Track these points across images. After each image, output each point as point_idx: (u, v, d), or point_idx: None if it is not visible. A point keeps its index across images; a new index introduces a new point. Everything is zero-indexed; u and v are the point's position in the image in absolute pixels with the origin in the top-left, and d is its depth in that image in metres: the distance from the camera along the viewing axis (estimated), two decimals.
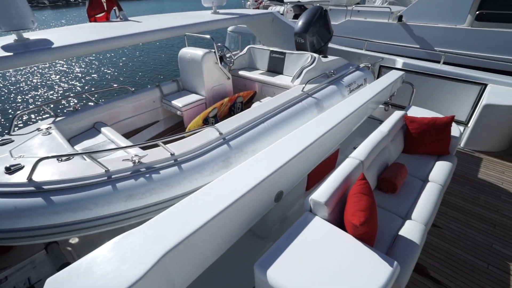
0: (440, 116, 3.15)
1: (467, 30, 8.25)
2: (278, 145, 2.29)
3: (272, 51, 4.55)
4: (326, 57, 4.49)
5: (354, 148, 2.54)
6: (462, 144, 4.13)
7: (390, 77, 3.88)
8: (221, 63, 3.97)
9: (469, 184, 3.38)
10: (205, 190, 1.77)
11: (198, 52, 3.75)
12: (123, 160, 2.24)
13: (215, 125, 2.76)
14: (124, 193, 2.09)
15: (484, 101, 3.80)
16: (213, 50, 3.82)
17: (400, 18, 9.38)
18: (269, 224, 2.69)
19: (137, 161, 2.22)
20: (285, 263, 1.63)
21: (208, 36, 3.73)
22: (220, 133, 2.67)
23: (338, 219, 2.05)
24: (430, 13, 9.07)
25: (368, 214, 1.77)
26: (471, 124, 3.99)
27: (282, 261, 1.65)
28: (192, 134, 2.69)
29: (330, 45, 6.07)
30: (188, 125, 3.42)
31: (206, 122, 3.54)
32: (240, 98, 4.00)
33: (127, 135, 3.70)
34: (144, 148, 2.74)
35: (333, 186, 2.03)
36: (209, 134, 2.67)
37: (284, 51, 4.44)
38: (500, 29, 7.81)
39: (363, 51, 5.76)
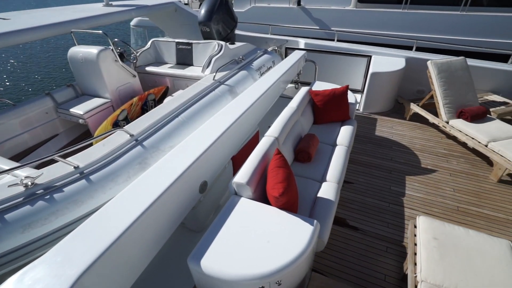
0: (338, 87, 3.56)
1: (352, 11, 9.40)
2: (193, 136, 2.26)
3: (178, 43, 4.39)
4: (234, 44, 4.56)
5: (269, 127, 2.69)
6: (361, 109, 4.77)
7: (294, 57, 4.19)
8: (122, 61, 3.64)
9: (369, 142, 3.97)
10: (120, 197, 1.65)
11: (92, 50, 3.35)
12: (9, 186, 1.89)
13: (124, 127, 2.55)
14: (18, 224, 1.78)
15: (370, 70, 4.43)
16: (110, 47, 3.47)
17: (299, 3, 10.07)
18: (201, 217, 2.67)
19: (29, 183, 1.90)
20: (217, 250, 1.66)
21: (100, 32, 3.36)
22: (131, 135, 2.48)
23: (262, 196, 2.16)
24: None
25: (286, 185, 1.92)
26: (365, 91, 4.63)
27: (215, 248, 1.67)
28: (96, 140, 2.44)
29: (237, 32, 6.17)
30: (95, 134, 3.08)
31: (116, 126, 3.24)
32: (151, 95, 3.77)
33: (17, 157, 3.13)
34: (38, 167, 2.37)
35: (253, 166, 2.12)
36: (118, 138, 2.46)
37: (191, 41, 4.33)
38: (378, 9, 9.11)
39: (269, 36, 6.04)
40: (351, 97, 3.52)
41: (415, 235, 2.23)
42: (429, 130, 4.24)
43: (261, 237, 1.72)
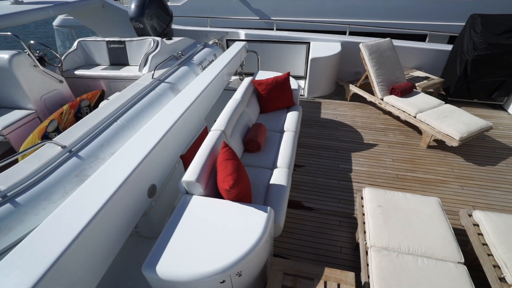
0: (278, 73, 3.64)
1: (290, 0, 9.64)
2: (135, 139, 2.13)
3: (108, 42, 4.05)
4: (171, 39, 4.36)
5: (215, 121, 2.64)
6: (305, 94, 4.96)
7: (235, 48, 4.15)
8: (43, 65, 3.25)
9: (316, 125, 4.15)
10: (55, 215, 1.49)
11: (2, 55, 2.92)
12: None
13: (54, 138, 2.29)
14: None
15: (310, 56, 4.61)
16: (26, 51, 3.06)
17: None
18: (156, 222, 2.55)
19: None
20: (173, 253, 1.59)
21: (8, 33, 2.94)
22: (63, 146, 2.24)
23: (215, 191, 2.12)
24: None
25: (236, 176, 1.91)
26: (307, 76, 4.80)
27: (170, 251, 1.60)
28: (22, 157, 2.15)
29: (175, 26, 5.92)
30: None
31: (46, 139, 2.90)
32: (84, 101, 3.44)
33: None
34: None
35: (201, 162, 2.06)
36: (48, 151, 2.20)
37: (123, 39, 4.03)
38: None
39: (208, 29, 5.91)
40: (294, 83, 3.62)
41: (362, 206, 2.41)
42: (368, 108, 4.58)
43: (216, 232, 1.70)
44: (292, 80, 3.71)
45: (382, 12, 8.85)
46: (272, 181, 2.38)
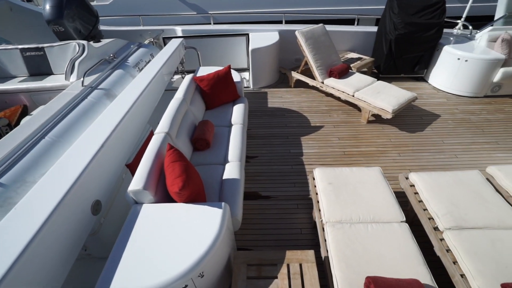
0: (220, 68, 3.59)
1: None
2: (68, 155, 1.93)
3: (23, 49, 3.58)
4: (100, 41, 4.01)
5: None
6: (251, 86, 4.99)
7: (171, 46, 3.98)
8: None
9: (264, 114, 4.21)
10: None
11: None
12: None
13: None
14: None
15: (250, 47, 4.62)
16: None
17: None
18: (108, 240, 2.37)
19: None
20: (128, 268, 1.50)
21: None
22: None
23: (166, 195, 2.04)
24: None
25: (185, 178, 1.84)
26: (250, 68, 4.82)
27: (124, 267, 1.50)
28: None
29: (104, 27, 5.47)
30: None
31: None
32: (2, 120, 3.01)
33: None
34: None
35: (147, 168, 1.96)
36: None
37: (41, 45, 3.59)
38: None
39: (142, 27, 5.57)
40: (236, 76, 3.61)
41: (315, 186, 2.52)
42: (311, 93, 4.78)
43: (172, 238, 1.64)
44: (234, 73, 3.69)
45: (314, 0, 9.24)
46: (225, 176, 2.36)
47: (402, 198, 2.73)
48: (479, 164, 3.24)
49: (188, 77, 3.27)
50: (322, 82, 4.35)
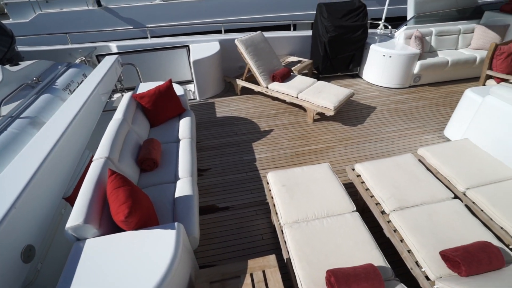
0: (162, 83, 3.48)
1: (161, 5, 9.30)
2: None
3: None
4: (18, 64, 3.60)
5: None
6: (197, 97, 4.91)
7: (106, 64, 3.74)
8: None
9: (213, 125, 4.17)
10: None
11: None
12: None
13: None
14: None
15: (191, 59, 4.56)
16: None
17: (99, 3, 9.01)
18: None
19: None
20: None
21: None
22: None
23: (114, 226, 1.88)
24: None
25: (130, 203, 1.72)
26: (194, 79, 4.75)
27: None
28: None
29: (25, 48, 4.94)
30: None
31: None
32: None
33: None
34: None
35: (87, 199, 1.79)
36: None
37: None
38: (185, 0, 9.36)
39: (71, 46, 5.15)
40: (179, 89, 3.52)
41: (270, 190, 2.55)
42: (258, 98, 4.87)
43: (123, 271, 1.50)
44: (176, 86, 3.60)
45: (251, 8, 9.51)
46: (177, 194, 2.27)
47: (351, 189, 2.90)
48: (412, 147, 3.61)
49: (127, 96, 3.09)
50: (267, 87, 4.47)
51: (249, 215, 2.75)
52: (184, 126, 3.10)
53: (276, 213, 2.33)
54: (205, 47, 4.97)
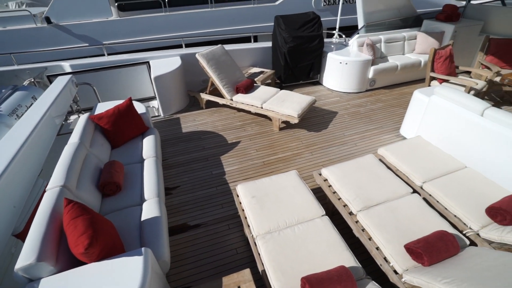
0: (121, 101, 3.35)
1: (117, 21, 9.04)
2: None
3: None
4: None
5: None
6: (162, 114, 4.79)
7: (58, 85, 3.53)
8: None
9: (180, 141, 4.09)
10: None
11: None
12: None
13: None
14: None
15: (152, 75, 4.46)
16: None
17: (48, 20, 8.53)
18: None
19: None
20: None
21: None
22: None
23: (74, 259, 1.74)
24: (76, 10, 8.91)
25: (91, 233, 1.61)
26: (157, 96, 4.64)
27: None
28: None
29: None
30: None
31: None
32: None
33: None
34: None
35: (40, 234, 1.64)
36: None
37: None
38: (142, 16, 9.20)
39: (17, 67, 4.79)
40: (140, 107, 3.42)
41: (240, 203, 2.54)
42: (223, 111, 4.88)
43: None
44: (137, 104, 3.49)
45: (211, 22, 9.59)
46: (144, 217, 2.17)
47: (320, 193, 2.98)
48: (373, 147, 3.81)
49: (84, 117, 2.93)
50: (231, 99, 4.49)
51: (222, 230, 2.70)
52: (148, 145, 2.99)
53: (248, 225, 2.31)
54: (166, 63, 4.90)
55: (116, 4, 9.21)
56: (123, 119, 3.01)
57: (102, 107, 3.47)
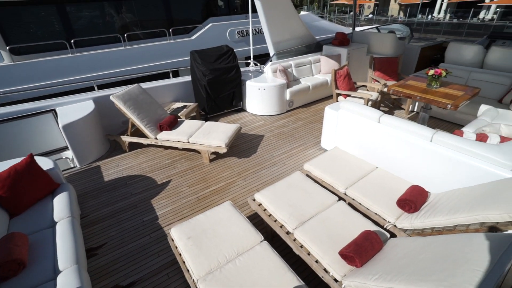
0: (18, 160, 2.89)
1: (9, 66, 8.01)
2: None
3: None
4: None
5: None
6: (78, 164, 4.28)
7: None
8: None
9: (103, 191, 3.67)
10: None
11: None
12: None
13: None
14: None
15: (60, 124, 3.99)
16: None
17: None
18: None
19: None
20: None
21: None
22: None
23: None
24: None
25: None
26: (69, 146, 4.14)
27: None
28: None
29: None
30: None
31: None
32: None
33: None
34: None
35: None
36: None
37: None
38: (42, 59, 8.34)
39: None
40: (46, 162, 2.99)
41: (176, 247, 2.37)
42: (150, 151, 4.62)
43: None
44: (43, 159, 3.05)
45: (124, 60, 9.26)
46: None
47: (257, 219, 3.01)
48: (300, 163, 4.08)
49: None
50: (156, 138, 4.31)
51: (161, 281, 2.46)
52: (60, 204, 2.60)
53: (188, 270, 2.16)
54: (76, 108, 4.46)
55: (7, 48, 8.17)
56: (22, 181, 2.57)
57: None
